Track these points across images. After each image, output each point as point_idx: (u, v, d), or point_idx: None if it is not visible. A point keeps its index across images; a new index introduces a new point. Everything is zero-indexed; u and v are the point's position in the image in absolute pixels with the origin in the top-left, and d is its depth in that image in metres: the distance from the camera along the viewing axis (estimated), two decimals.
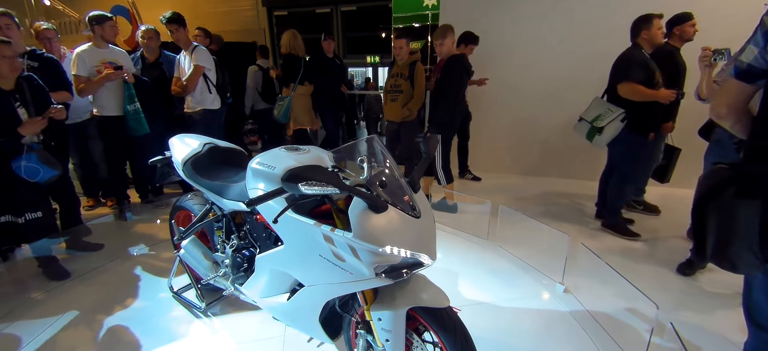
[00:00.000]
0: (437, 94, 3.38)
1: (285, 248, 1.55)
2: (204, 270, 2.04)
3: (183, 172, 2.06)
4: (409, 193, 1.36)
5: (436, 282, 1.44)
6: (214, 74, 3.63)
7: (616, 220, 3.20)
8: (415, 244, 1.26)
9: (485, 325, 2.08)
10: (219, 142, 2.19)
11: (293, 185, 1.09)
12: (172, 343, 2.01)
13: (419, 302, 1.33)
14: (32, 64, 2.76)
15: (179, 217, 2.37)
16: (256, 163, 1.60)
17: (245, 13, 8.64)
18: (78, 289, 2.54)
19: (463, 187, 4.49)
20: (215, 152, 2.12)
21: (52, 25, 3.32)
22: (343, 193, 1.21)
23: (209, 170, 2.01)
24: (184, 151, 2.09)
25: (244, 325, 2.13)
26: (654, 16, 2.90)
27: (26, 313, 2.28)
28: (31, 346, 1.99)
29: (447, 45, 3.37)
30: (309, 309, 1.54)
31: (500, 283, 2.50)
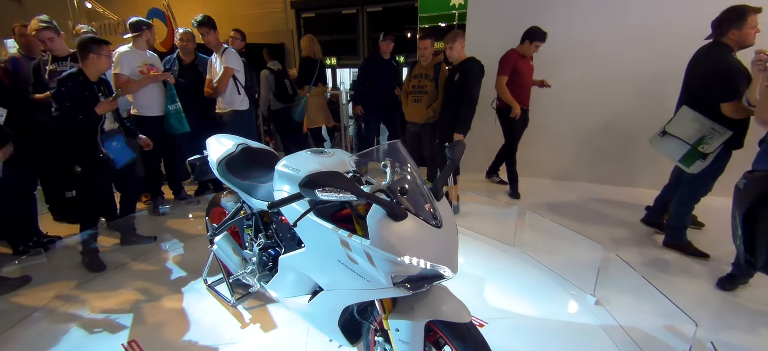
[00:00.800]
0: (459, 95, 3.35)
1: (306, 251, 1.57)
2: (234, 266, 2.11)
3: (217, 171, 2.13)
4: (431, 201, 1.32)
5: (457, 289, 1.41)
6: (242, 76, 3.72)
7: (682, 238, 2.92)
8: (435, 256, 1.21)
9: (509, 337, 2.02)
10: (252, 143, 2.26)
11: (310, 191, 1.08)
12: (204, 332, 2.10)
13: (438, 315, 1.28)
14: (75, 66, 2.89)
15: (214, 214, 2.47)
16: (281, 166, 1.63)
17: (275, 16, 8.82)
18: (114, 279, 2.66)
19: (488, 189, 4.40)
20: (248, 153, 2.18)
21: (92, 29, 3.49)
22: (362, 200, 1.19)
23: (241, 170, 2.07)
24: (220, 150, 2.17)
25: (271, 319, 2.19)
26: (750, 11, 2.44)
27: (65, 303, 2.40)
28: (70, 334, 2.10)
29: (457, 49, 3.39)
30: (328, 312, 1.55)
31: (526, 292, 2.42)
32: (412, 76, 3.84)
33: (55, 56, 2.84)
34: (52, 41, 2.81)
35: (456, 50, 3.38)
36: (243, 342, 2.03)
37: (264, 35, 8.14)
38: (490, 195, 4.18)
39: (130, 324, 2.19)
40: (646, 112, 4.09)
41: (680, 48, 2.98)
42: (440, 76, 3.68)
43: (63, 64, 2.85)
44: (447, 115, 3.49)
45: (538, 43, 3.76)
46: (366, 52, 10.21)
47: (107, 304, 2.39)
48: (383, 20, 10.14)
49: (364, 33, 10.01)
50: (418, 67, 3.80)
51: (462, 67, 3.36)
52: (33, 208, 3.09)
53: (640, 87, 4.11)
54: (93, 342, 2.06)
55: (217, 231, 2.21)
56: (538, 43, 3.77)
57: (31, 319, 2.23)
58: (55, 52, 2.83)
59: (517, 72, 3.77)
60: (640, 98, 4.13)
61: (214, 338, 2.05)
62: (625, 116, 4.26)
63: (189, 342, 2.04)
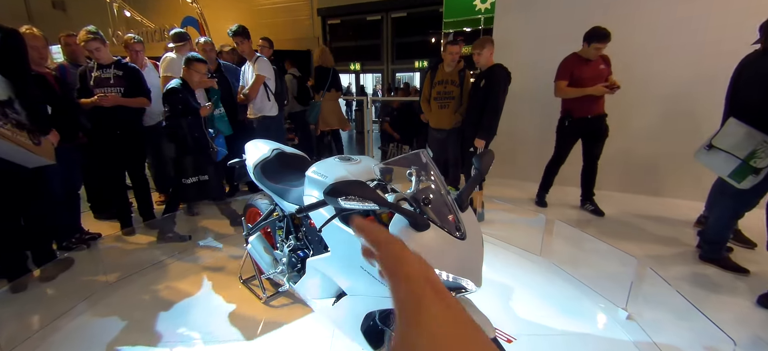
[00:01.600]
0: (484, 101, 3.33)
1: (331, 256, 1.61)
2: (266, 264, 2.20)
3: (253, 175, 2.23)
4: (456, 212, 1.30)
5: (481, 300, 1.40)
6: (273, 83, 3.84)
7: (721, 252, 2.78)
8: (458, 268, 1.20)
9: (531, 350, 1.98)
10: (286, 149, 2.35)
11: (334, 199, 1.11)
12: (236, 326, 2.20)
13: None
14: (117, 72, 3.07)
15: (250, 214, 2.58)
16: (311, 171, 1.70)
17: (302, 23, 9.03)
18: (152, 275, 2.78)
19: (514, 196, 4.32)
20: (282, 158, 2.26)
21: (140, 38, 3.68)
22: (385, 209, 1.19)
23: (275, 174, 2.15)
24: (256, 155, 2.27)
25: (299, 318, 2.25)
26: None
27: (106, 296, 2.53)
28: (111, 324, 2.21)
29: (485, 55, 3.38)
30: (351, 317, 1.57)
31: (554, 305, 2.36)
32: (435, 82, 3.83)
33: (100, 64, 3.02)
34: (99, 50, 2.98)
35: (484, 56, 3.37)
36: (271, 338, 2.10)
37: (291, 42, 8.35)
38: (516, 203, 4.11)
39: (166, 316, 2.30)
40: (682, 121, 3.95)
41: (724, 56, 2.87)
42: (465, 81, 3.68)
43: (107, 71, 3.02)
44: (473, 120, 3.47)
45: (596, 44, 3.35)
46: (390, 57, 10.28)
47: (146, 297, 2.51)
48: (408, 26, 10.21)
49: (389, 38, 10.10)
50: (441, 73, 3.78)
51: (488, 74, 3.35)
52: (77, 207, 3.28)
53: (675, 95, 3.97)
54: (132, 333, 2.16)
55: (252, 231, 2.31)
56: (597, 45, 3.36)
57: (75, 310, 2.37)
58: (100, 60, 3.01)
59: (577, 77, 3.46)
60: (676, 107, 3.98)
61: (245, 332, 2.14)
62: (659, 126, 4.11)
63: (221, 334, 2.14)
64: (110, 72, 3.03)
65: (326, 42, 9.29)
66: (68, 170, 3.05)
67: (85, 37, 2.93)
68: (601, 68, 3.45)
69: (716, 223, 2.77)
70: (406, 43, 10.18)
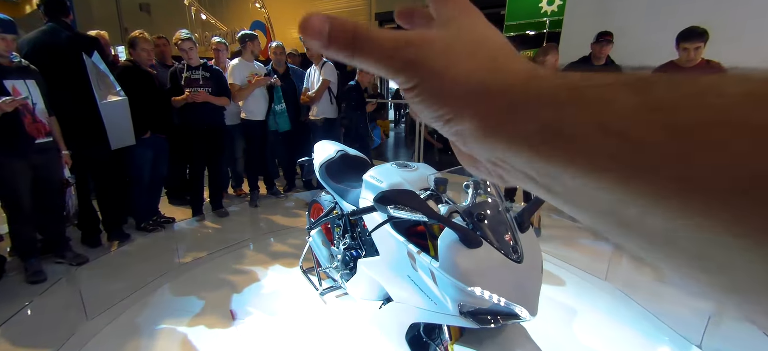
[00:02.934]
0: None
1: (380, 259, 1.62)
2: (323, 259, 2.31)
3: (318, 173, 2.34)
4: (514, 232, 1.22)
5: (537, 326, 1.31)
6: (336, 87, 4.02)
7: None
8: (511, 292, 1.12)
9: None
10: (350, 151, 2.44)
11: (383, 207, 1.10)
12: (291, 313, 2.36)
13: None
14: (205, 74, 3.36)
15: (314, 209, 2.73)
16: (368, 175, 1.74)
17: None
18: (221, 259, 3.03)
19: None
20: (346, 159, 2.35)
21: (224, 40, 3.99)
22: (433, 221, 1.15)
23: (338, 174, 2.24)
24: (322, 155, 2.38)
25: (351, 315, 2.31)
26: None
27: (180, 275, 2.78)
28: (188, 300, 2.42)
29: (549, 62, 3.20)
30: (395, 324, 1.56)
31: (618, 336, 2.18)
32: None
33: (190, 65, 3.31)
34: (192, 50, 3.29)
35: (549, 64, 3.22)
36: (322, 329, 2.20)
37: None
38: None
39: (232, 297, 2.51)
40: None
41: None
42: None
43: (196, 72, 3.33)
44: None
45: (685, 44, 2.80)
46: None
47: (215, 277, 2.76)
48: None
49: None
50: None
51: None
52: (158, 192, 3.63)
53: None
54: (205, 309, 2.39)
55: (313, 225, 2.42)
56: (684, 45, 2.81)
57: (153, 284, 2.63)
58: (191, 60, 3.30)
59: None
60: None
61: (299, 319, 2.29)
62: None
63: (277, 317, 2.32)
64: (199, 73, 3.33)
65: None
66: (157, 158, 3.38)
67: (178, 37, 3.27)
68: None
69: None
70: None
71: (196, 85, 3.28)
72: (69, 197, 2.93)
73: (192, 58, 3.28)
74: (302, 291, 2.56)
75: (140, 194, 3.34)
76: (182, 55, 3.29)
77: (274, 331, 2.19)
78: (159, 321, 2.27)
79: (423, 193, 1.47)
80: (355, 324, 2.23)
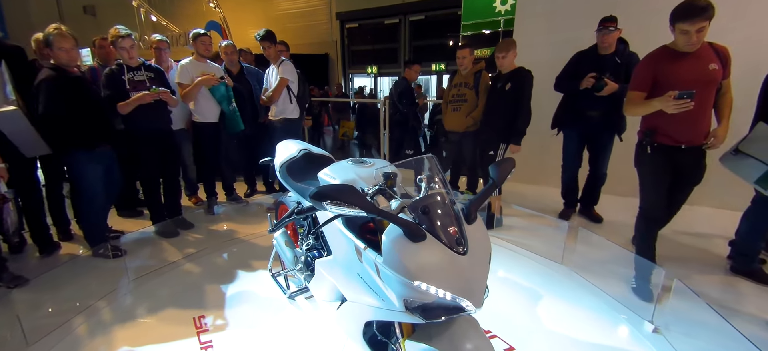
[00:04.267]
0: (514, 104, 3.30)
1: (332, 259, 1.61)
2: (288, 261, 2.24)
3: (278, 174, 2.28)
4: (460, 224, 1.20)
5: (497, 308, 1.33)
6: (296, 86, 3.91)
7: (752, 264, 2.65)
8: (455, 285, 1.10)
9: None
10: (314, 149, 2.38)
11: (319, 203, 1.06)
12: (260, 317, 2.30)
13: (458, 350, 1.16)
14: (149, 74, 3.12)
15: (281, 211, 2.65)
16: (323, 173, 1.72)
17: (320, 27, 9.14)
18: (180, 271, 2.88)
19: (536, 201, 4.23)
20: (308, 158, 2.29)
21: (165, 37, 3.77)
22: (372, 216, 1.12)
23: (299, 173, 2.18)
24: (284, 155, 2.31)
25: (319, 315, 2.27)
26: None
27: (129, 292, 2.60)
28: (139, 322, 2.27)
29: (509, 58, 3.34)
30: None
31: (574, 316, 2.29)
32: (452, 86, 3.85)
33: (130, 65, 3.02)
34: (132, 49, 3.00)
35: (508, 59, 3.34)
36: (287, 333, 2.15)
37: (310, 46, 8.46)
38: (538, 208, 4.01)
39: (202, 300, 2.47)
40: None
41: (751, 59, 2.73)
42: (481, 84, 3.68)
43: (139, 73, 3.06)
44: (494, 123, 3.43)
45: (684, 25, 2.12)
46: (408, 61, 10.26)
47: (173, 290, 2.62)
48: (426, 29, 10.19)
49: (406, 42, 10.10)
50: (458, 76, 3.82)
51: (515, 78, 3.31)
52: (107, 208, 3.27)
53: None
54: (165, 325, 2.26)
55: (275, 227, 2.33)
56: (683, 26, 2.13)
57: (102, 302, 2.44)
58: (132, 59, 3.01)
59: (664, 82, 2.26)
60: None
61: (268, 324, 2.22)
62: None
63: (247, 321, 2.26)
64: (143, 74, 3.07)
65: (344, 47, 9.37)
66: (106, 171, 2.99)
67: (116, 33, 2.93)
68: (712, 69, 2.21)
69: (746, 234, 2.65)
70: (424, 47, 10.15)
71: (143, 87, 3.02)
72: (7, 214, 2.66)
73: (133, 57, 3.01)
74: (271, 295, 2.49)
75: (93, 214, 3.02)
76: (120, 54, 2.99)
77: (242, 339, 2.11)
78: (110, 342, 2.11)
79: (371, 188, 1.43)
80: (324, 327, 2.19)
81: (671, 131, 2.31)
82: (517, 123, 3.28)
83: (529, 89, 3.27)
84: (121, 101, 2.93)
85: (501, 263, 2.88)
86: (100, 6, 11.19)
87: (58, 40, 2.58)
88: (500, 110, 3.36)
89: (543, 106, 4.44)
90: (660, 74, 2.29)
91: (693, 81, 2.19)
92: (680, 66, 2.23)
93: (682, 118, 2.19)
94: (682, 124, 2.25)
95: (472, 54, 3.71)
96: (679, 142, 2.31)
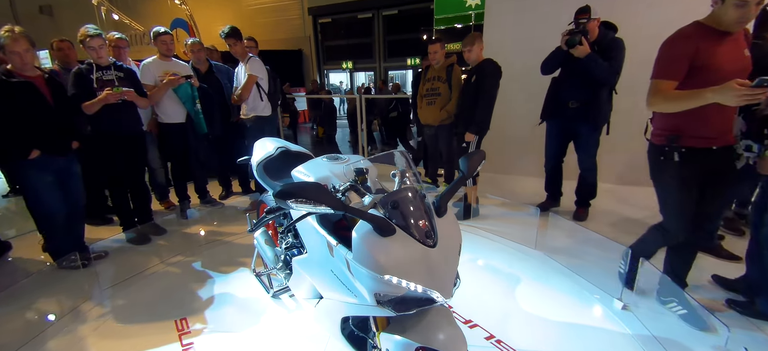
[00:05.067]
0: (475, 95, 3.36)
1: (308, 256, 1.61)
2: (269, 260, 2.22)
3: (256, 172, 2.24)
4: (430, 217, 1.20)
5: (474, 293, 1.36)
6: (266, 83, 3.81)
7: (711, 241, 2.76)
8: (425, 277, 1.11)
9: (529, 344, 1.98)
10: (291, 147, 2.34)
11: (284, 202, 1.06)
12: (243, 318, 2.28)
13: (430, 342, 1.16)
14: (119, 74, 2.99)
15: (261, 210, 2.59)
16: (297, 170, 1.72)
17: (293, 22, 8.99)
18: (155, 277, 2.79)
19: (511, 191, 4.34)
20: (286, 156, 2.26)
21: (124, 36, 3.61)
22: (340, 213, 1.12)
23: (277, 172, 2.15)
24: (260, 153, 2.27)
25: (303, 314, 2.26)
26: None
27: (126, 287, 2.54)
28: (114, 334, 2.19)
29: (475, 51, 3.40)
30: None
31: (547, 297, 2.38)
32: (425, 80, 3.89)
33: (99, 65, 2.91)
34: (102, 49, 2.88)
35: (474, 53, 3.39)
36: (271, 333, 2.14)
37: (282, 42, 8.31)
38: (512, 197, 4.12)
39: (182, 304, 2.41)
40: None
41: None
42: (453, 77, 3.75)
43: (108, 73, 2.94)
44: (465, 116, 3.49)
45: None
46: (383, 55, 10.23)
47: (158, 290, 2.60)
48: (399, 23, 10.19)
49: (380, 36, 10.07)
50: (431, 70, 3.86)
51: (478, 69, 3.37)
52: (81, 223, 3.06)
53: None
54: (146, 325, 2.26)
55: (255, 226, 2.30)
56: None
57: (70, 316, 2.33)
58: (101, 59, 2.90)
59: (706, 66, 1.78)
60: None
61: (252, 324, 2.21)
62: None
63: (230, 322, 2.24)
64: (111, 74, 2.94)
65: (318, 42, 9.26)
66: (64, 183, 2.77)
67: (86, 33, 2.81)
68: (746, 55, 1.85)
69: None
70: (398, 41, 10.15)
71: (113, 87, 2.89)
72: None
73: (102, 57, 2.90)
74: (254, 295, 2.47)
75: (48, 226, 2.82)
76: (90, 54, 2.88)
77: (225, 340, 2.09)
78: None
79: (340, 185, 1.42)
80: (308, 325, 2.18)
81: (703, 131, 1.86)
82: (475, 113, 3.34)
83: (490, 80, 3.31)
84: (87, 101, 2.81)
85: (479, 252, 2.95)
86: (57, 6, 10.63)
87: (11, 43, 2.40)
88: (469, 102, 3.43)
89: (516, 97, 4.58)
90: (701, 58, 1.77)
91: (739, 69, 1.78)
92: (722, 48, 1.77)
93: (715, 113, 1.78)
94: (715, 120, 1.83)
95: (443, 48, 3.76)
96: (711, 144, 1.88)
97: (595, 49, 3.02)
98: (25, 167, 2.57)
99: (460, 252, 1.26)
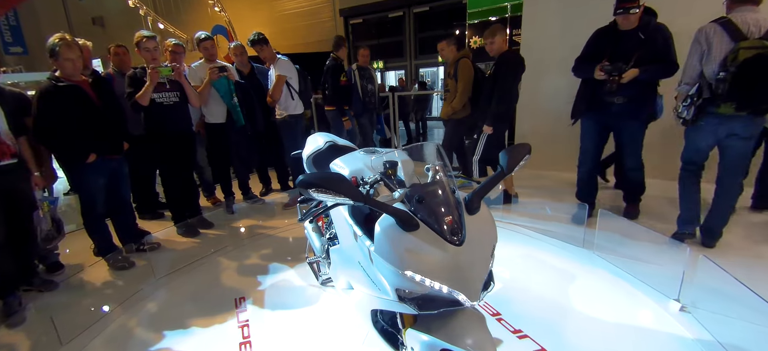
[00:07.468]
0: (492, 87, 3.32)
1: (339, 247, 1.62)
2: (316, 249, 2.29)
3: (306, 166, 2.35)
4: (460, 213, 1.15)
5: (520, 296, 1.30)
6: (296, 82, 3.95)
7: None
8: (449, 277, 1.05)
9: None
10: (339, 141, 2.42)
11: (305, 191, 1.06)
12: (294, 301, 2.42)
13: (456, 343, 1.10)
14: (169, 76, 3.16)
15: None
16: (334, 163, 1.77)
17: (324, 24, 9.11)
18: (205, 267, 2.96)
19: (553, 184, 4.19)
20: (333, 150, 2.33)
21: (181, 43, 3.81)
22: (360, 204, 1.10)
23: (324, 165, 2.20)
24: (311, 147, 2.37)
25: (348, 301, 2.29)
26: None
27: (158, 289, 2.66)
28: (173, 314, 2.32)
29: (498, 43, 3.37)
30: (362, 312, 1.54)
31: (598, 300, 2.25)
32: (445, 77, 3.99)
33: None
34: (156, 51, 3.09)
35: (497, 44, 3.36)
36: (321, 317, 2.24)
37: (315, 44, 8.45)
38: (554, 196, 3.98)
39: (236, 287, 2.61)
40: None
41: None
42: (459, 71, 3.76)
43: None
44: (483, 109, 3.48)
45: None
46: (413, 53, 10.18)
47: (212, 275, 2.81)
48: (431, 20, 10.08)
49: (411, 34, 10.01)
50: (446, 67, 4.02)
51: (498, 61, 3.34)
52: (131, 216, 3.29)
53: None
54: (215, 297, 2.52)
55: (303, 217, 2.37)
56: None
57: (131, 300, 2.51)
58: (154, 61, 3.09)
59: None
60: None
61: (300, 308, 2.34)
62: None
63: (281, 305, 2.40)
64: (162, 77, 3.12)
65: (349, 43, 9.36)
66: (114, 183, 2.94)
67: (141, 36, 3.05)
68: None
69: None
70: (428, 38, 10.05)
71: (164, 90, 3.11)
72: (38, 221, 2.72)
73: (155, 59, 3.09)
74: (303, 282, 2.59)
75: (95, 226, 2.94)
76: (145, 56, 3.08)
77: (276, 320, 2.24)
78: (146, 335, 2.18)
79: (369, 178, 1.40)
80: (352, 313, 2.21)
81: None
82: (491, 104, 3.30)
83: (507, 70, 3.25)
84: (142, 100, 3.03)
85: (524, 250, 2.87)
86: (109, 17, 11.35)
87: (64, 50, 2.54)
88: (488, 95, 3.39)
89: (551, 90, 4.41)
90: None
91: None
92: None
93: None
94: None
95: (449, 45, 3.83)
96: None
97: (641, 38, 2.73)
98: (82, 170, 2.75)
99: (494, 252, 1.19)
